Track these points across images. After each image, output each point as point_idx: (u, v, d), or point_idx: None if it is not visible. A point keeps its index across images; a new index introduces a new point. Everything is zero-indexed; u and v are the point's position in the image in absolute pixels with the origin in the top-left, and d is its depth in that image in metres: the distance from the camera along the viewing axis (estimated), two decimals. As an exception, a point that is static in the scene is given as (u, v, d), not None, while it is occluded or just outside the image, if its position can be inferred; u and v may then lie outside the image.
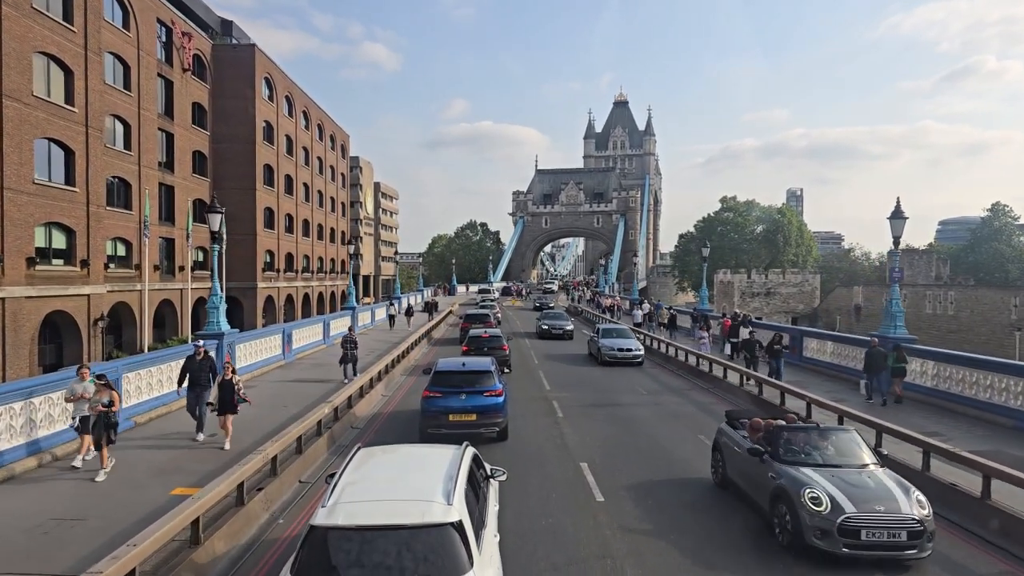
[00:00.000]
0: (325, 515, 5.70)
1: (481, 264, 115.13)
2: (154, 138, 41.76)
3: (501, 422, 13.47)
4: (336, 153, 77.51)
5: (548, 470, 12.07)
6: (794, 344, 24.47)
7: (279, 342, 23.49)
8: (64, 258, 28.92)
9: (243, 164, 51.03)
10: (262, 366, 21.80)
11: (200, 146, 48.27)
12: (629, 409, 17.73)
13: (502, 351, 22.63)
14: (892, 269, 19.90)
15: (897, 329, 18.63)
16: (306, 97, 65.45)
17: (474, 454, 7.67)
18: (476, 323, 31.39)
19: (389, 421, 16.19)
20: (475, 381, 13.58)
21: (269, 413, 15.83)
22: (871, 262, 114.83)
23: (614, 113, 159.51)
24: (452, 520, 5.67)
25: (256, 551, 8.56)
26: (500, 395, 13.53)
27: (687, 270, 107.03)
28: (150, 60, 41.07)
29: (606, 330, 28.14)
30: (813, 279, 75.15)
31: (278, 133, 56.59)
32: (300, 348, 26.19)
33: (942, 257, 79.89)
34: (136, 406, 14.63)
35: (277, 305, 56.08)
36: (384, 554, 5.42)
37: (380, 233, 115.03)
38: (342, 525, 5.60)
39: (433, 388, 13.53)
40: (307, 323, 29.23)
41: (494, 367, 14.49)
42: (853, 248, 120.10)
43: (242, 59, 51.36)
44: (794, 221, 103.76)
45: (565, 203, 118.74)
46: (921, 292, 56.10)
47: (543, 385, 21.18)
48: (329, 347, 29.48)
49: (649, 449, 13.65)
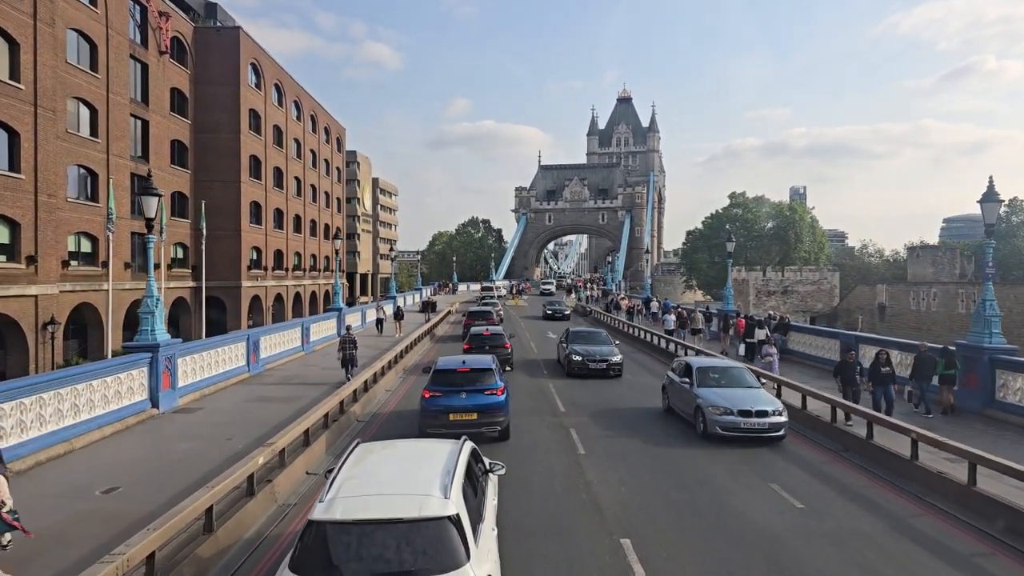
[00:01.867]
0: (323, 510, 5.71)
1: (483, 262, 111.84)
2: (126, 125, 38.42)
3: (503, 421, 13.22)
4: (331, 147, 74.15)
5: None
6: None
7: (242, 351, 20.05)
8: (7, 254, 25.60)
9: (227, 155, 47.68)
10: (217, 382, 18.35)
11: (180, 135, 44.93)
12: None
13: (504, 349, 22.11)
14: (985, 263, 16.30)
15: (993, 337, 15.08)
16: (298, 87, 62.08)
17: (472, 448, 7.63)
18: (479, 320, 31.32)
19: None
20: (476, 379, 13.37)
21: (205, 449, 12.46)
22: (884, 259, 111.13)
23: (618, 110, 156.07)
24: (449, 514, 5.67)
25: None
26: (501, 393, 13.29)
27: (695, 268, 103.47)
28: (121, 40, 37.72)
29: (703, 371, 14.90)
30: (832, 277, 71.31)
31: (266, 123, 53.20)
32: (271, 357, 22.78)
33: (966, 254, 76.32)
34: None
35: (265, 305, 52.74)
36: (381, 548, 5.47)
37: (379, 230, 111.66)
38: (340, 519, 5.63)
39: (433, 387, 13.30)
40: (281, 328, 25.61)
41: (495, 365, 14.21)
42: (865, 244, 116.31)
43: (226, 43, 47.97)
44: (805, 218, 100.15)
45: (569, 199, 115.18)
46: (952, 291, 52.40)
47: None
48: (308, 355, 26.12)
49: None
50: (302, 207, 62.63)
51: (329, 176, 73.44)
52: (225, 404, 16.86)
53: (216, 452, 12.10)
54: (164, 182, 42.74)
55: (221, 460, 11.32)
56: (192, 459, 11.78)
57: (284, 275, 57.69)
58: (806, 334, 24.59)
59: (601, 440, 13.56)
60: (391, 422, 15.21)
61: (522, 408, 15.99)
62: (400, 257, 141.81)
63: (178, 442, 13.03)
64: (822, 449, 13.10)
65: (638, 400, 17.78)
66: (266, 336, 22.75)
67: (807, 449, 13.10)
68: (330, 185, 73.61)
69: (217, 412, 15.94)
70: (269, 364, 22.32)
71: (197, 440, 13.06)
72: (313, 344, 27.41)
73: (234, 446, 12.48)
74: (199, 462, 11.47)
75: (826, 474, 11.48)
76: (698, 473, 11.37)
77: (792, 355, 24.84)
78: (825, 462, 12.22)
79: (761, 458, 12.25)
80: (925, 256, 73.43)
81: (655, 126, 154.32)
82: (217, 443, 12.88)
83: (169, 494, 9.56)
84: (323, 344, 28.73)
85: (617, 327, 38.15)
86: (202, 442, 12.98)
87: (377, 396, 18.02)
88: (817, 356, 23.12)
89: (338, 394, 14.65)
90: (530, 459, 12.21)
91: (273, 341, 23.35)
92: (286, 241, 58.18)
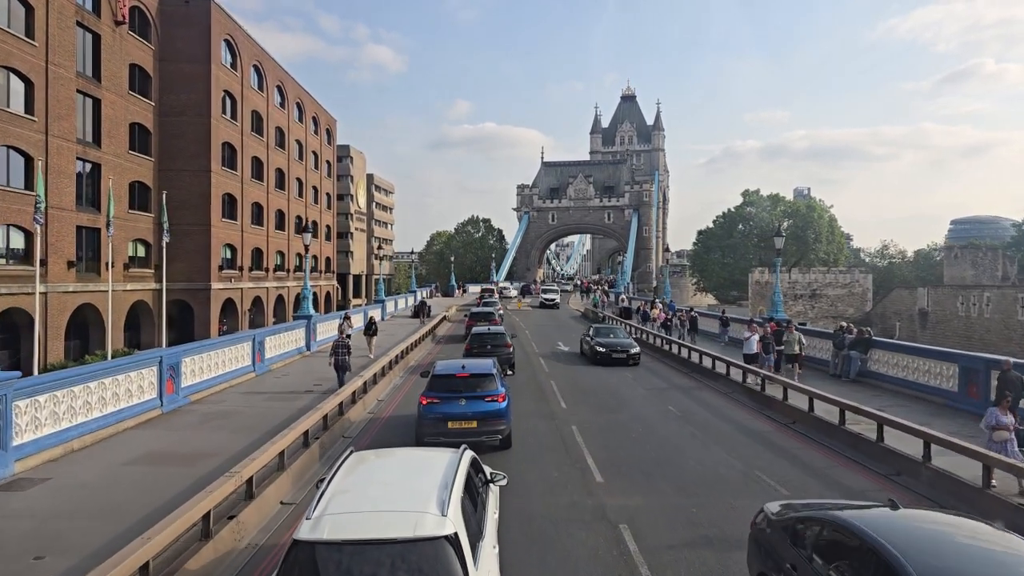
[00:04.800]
0: (309, 528, 5.29)
1: (483, 263, 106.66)
2: (71, 102, 33.34)
3: (504, 429, 12.78)
4: (320, 138, 69.04)
5: None
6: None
7: (152, 379, 14.78)
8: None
9: (196, 141, 42.60)
10: (107, 425, 13.06)
11: (141, 118, 39.84)
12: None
13: (506, 349, 22.24)
14: None
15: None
16: (282, 70, 57.00)
17: (472, 458, 7.26)
18: (480, 321, 31.05)
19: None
20: (475, 385, 12.85)
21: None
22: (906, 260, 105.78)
23: (621, 107, 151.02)
24: (446, 533, 5.28)
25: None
26: (502, 400, 12.83)
27: (707, 269, 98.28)
28: (66, 4, 32.65)
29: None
30: (864, 279, 65.29)
31: (243, 107, 48.10)
32: (203, 384, 17.38)
33: (1009, 255, 70.67)
34: None
35: (240, 310, 47.59)
36: (373, 570, 5.08)
37: (373, 229, 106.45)
38: (327, 540, 5.19)
39: (431, 393, 12.77)
40: (220, 344, 19.26)
41: (495, 370, 13.68)
42: (886, 245, 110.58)
43: (195, 17, 42.84)
44: (824, 216, 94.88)
45: (573, 197, 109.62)
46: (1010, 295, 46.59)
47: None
48: (261, 376, 20.88)
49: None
50: (286, 202, 57.49)
51: (318, 170, 68.33)
52: (79, 477, 10.68)
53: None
54: (121, 170, 37.73)
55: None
56: None
57: (264, 276, 52.55)
58: (901, 353, 19.07)
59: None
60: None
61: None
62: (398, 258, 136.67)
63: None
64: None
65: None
66: (195, 356, 17.01)
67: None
68: (319, 180, 68.50)
69: (78, 476, 10.60)
70: (200, 394, 16.97)
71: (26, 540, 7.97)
72: (269, 363, 22.06)
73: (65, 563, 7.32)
74: None
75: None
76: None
77: (872, 378, 19.66)
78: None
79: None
80: (964, 257, 67.78)
81: (660, 124, 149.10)
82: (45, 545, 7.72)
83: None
84: (284, 361, 23.51)
85: (664, 348, 28.49)
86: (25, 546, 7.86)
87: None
88: (914, 381, 17.88)
89: (263, 453, 9.70)
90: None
91: (205, 362, 17.61)
92: (267, 239, 53.05)
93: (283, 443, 10.49)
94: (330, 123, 72.94)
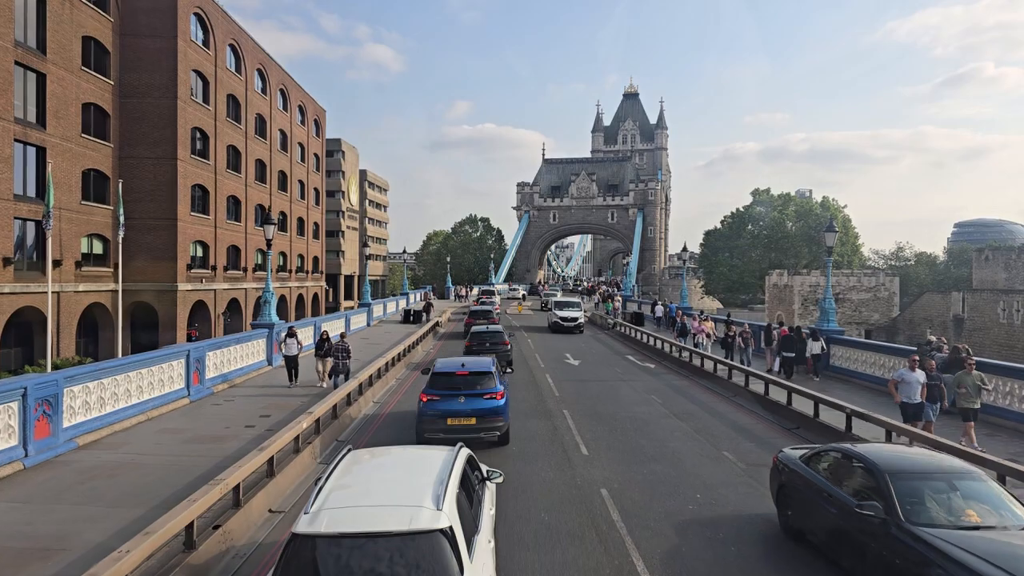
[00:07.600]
0: (308, 522, 5.37)
1: (482, 264, 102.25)
2: (7, 75, 28.94)
3: (502, 426, 12.82)
4: (307, 129, 64.63)
5: None
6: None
7: (11, 420, 10.31)
8: None
9: (161, 125, 38.18)
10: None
11: (98, 98, 35.44)
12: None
13: (504, 346, 22.86)
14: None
15: None
16: (263, 53, 52.58)
17: (468, 455, 7.29)
18: (479, 319, 32.59)
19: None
20: (475, 383, 12.91)
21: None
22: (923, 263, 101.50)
23: (623, 105, 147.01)
24: (441, 526, 5.35)
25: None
26: (501, 398, 12.84)
27: (714, 271, 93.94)
28: (0, -38, 28.25)
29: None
30: (890, 283, 60.62)
31: (217, 90, 43.70)
32: (103, 419, 12.80)
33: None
34: None
35: (213, 314, 43.13)
36: (370, 562, 5.13)
37: (366, 227, 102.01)
38: (325, 533, 5.27)
39: (430, 391, 12.81)
40: (130, 364, 14.27)
41: (495, 368, 13.77)
42: (902, 247, 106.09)
43: (161, -14, 38.44)
44: (838, 216, 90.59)
45: (576, 196, 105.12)
46: (1061, 301, 42.44)
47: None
48: (197, 403, 16.39)
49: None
50: (268, 196, 53.02)
51: (305, 163, 63.88)
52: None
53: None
54: (72, 155, 33.31)
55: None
56: None
57: (243, 276, 48.11)
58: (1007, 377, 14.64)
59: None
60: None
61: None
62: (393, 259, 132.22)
63: None
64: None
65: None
66: (84, 384, 12.35)
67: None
68: (305, 173, 64.05)
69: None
70: (88, 434, 12.23)
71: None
72: (211, 383, 17.61)
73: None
74: None
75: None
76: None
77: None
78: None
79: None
80: (996, 259, 63.27)
81: (663, 122, 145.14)
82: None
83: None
84: (240, 378, 19.09)
85: (747, 388, 18.69)
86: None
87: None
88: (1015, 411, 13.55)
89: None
90: None
91: (107, 390, 13.03)
92: (245, 236, 48.60)
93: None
94: (318, 113, 68.54)
